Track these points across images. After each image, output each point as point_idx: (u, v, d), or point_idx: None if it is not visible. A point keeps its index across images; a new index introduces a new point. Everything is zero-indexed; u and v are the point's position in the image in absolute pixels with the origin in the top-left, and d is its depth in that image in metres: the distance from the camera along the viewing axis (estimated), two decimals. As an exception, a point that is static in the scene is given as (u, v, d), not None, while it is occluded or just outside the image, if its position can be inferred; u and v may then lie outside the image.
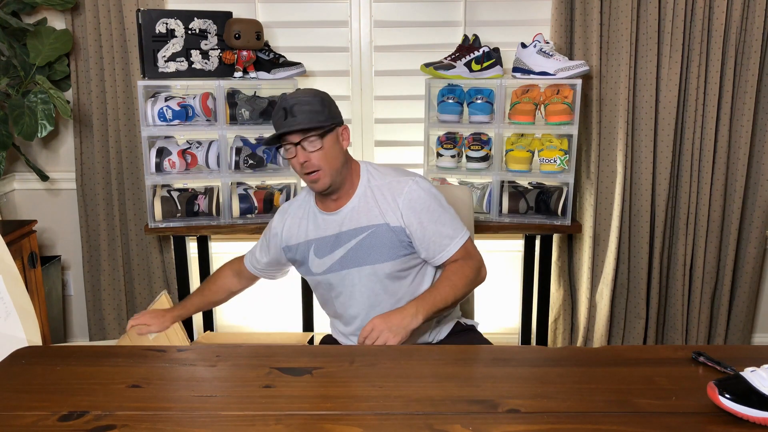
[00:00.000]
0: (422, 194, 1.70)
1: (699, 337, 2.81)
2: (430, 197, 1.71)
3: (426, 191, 1.71)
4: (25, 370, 1.37)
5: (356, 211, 1.72)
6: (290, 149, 1.67)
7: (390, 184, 1.72)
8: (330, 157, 1.67)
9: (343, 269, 1.74)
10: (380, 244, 1.69)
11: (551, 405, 1.19)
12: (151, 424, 1.15)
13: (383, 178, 1.74)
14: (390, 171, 1.77)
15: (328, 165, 1.67)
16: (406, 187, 1.70)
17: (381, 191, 1.72)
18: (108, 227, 2.78)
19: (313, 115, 1.64)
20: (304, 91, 1.70)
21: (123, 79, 2.65)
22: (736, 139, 2.64)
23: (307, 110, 1.64)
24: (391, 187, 1.71)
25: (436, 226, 1.69)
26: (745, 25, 2.54)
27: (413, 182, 1.71)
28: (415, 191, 1.70)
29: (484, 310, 2.89)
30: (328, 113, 1.67)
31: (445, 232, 1.70)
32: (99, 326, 2.88)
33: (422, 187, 1.71)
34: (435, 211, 1.70)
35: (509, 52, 2.52)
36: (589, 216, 2.70)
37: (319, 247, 1.76)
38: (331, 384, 1.29)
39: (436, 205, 1.71)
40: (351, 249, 1.72)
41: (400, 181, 1.72)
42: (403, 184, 1.71)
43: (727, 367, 1.30)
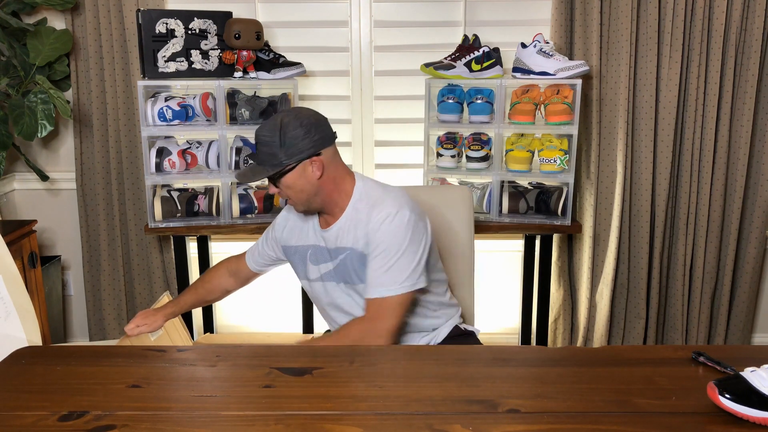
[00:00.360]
0: (389, 231, 1.61)
1: (699, 337, 2.81)
2: (395, 237, 1.61)
3: (395, 230, 1.61)
4: (25, 370, 1.36)
5: (343, 230, 1.69)
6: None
7: (370, 211, 1.65)
8: (295, 191, 1.65)
9: (331, 281, 1.76)
10: (354, 267, 1.69)
11: (551, 405, 1.19)
12: (151, 424, 1.15)
13: (370, 200, 1.68)
14: (381, 194, 1.69)
15: (295, 197, 1.66)
16: (378, 216, 1.63)
17: (363, 215, 1.66)
18: (108, 227, 2.78)
19: (267, 158, 1.61)
20: (269, 126, 1.61)
21: (123, 79, 2.65)
22: (736, 139, 2.64)
23: (263, 152, 1.62)
24: (370, 215, 1.65)
25: (374, 266, 1.63)
26: (745, 25, 2.55)
27: (387, 215, 1.62)
28: (384, 225, 1.62)
29: (484, 310, 2.89)
30: (286, 153, 1.59)
31: (376, 276, 1.62)
32: (99, 326, 2.88)
33: (396, 224, 1.62)
34: (388, 253, 1.61)
35: (509, 52, 2.52)
36: (589, 216, 2.70)
37: (314, 254, 1.77)
38: (331, 384, 1.29)
39: (391, 247, 1.61)
40: (337, 265, 1.73)
41: (378, 209, 1.64)
42: (379, 212, 1.63)
43: (727, 367, 1.30)
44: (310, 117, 1.64)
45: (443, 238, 2.04)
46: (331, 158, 1.67)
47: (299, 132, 1.60)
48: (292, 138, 1.60)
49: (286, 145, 1.60)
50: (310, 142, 1.61)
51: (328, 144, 1.66)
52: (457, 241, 2.04)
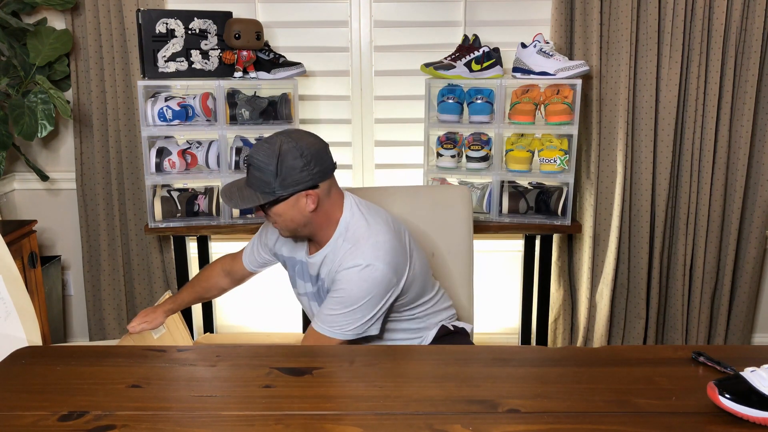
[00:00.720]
0: (352, 281, 1.56)
1: (699, 337, 2.81)
2: (356, 290, 1.56)
3: (359, 282, 1.55)
4: (25, 370, 1.36)
5: (324, 260, 1.65)
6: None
7: (345, 254, 1.59)
8: (283, 220, 1.58)
9: (313, 300, 1.76)
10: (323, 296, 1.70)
11: (551, 405, 1.19)
12: (151, 424, 1.15)
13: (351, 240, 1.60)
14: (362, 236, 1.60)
15: (282, 225, 1.60)
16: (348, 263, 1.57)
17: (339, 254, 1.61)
18: (108, 227, 2.78)
19: (260, 184, 1.53)
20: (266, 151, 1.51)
21: (123, 79, 2.65)
22: (736, 139, 2.64)
23: (256, 177, 1.53)
24: (343, 258, 1.59)
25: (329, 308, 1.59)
26: (745, 25, 2.55)
27: (357, 267, 1.56)
28: (349, 274, 1.56)
29: (484, 310, 2.89)
30: (280, 183, 1.51)
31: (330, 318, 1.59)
32: (99, 326, 2.88)
33: (361, 277, 1.55)
34: (343, 301, 1.57)
35: (509, 52, 2.52)
36: (589, 216, 2.70)
37: (301, 270, 1.76)
38: (331, 384, 1.29)
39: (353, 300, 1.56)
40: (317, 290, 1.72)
41: (353, 257, 1.57)
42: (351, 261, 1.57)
43: (727, 367, 1.30)
44: (312, 147, 1.53)
45: (443, 238, 2.04)
46: (327, 191, 1.58)
47: (298, 163, 1.50)
48: (289, 168, 1.50)
49: (282, 176, 1.50)
50: (309, 175, 1.52)
51: (327, 177, 1.57)
52: (457, 241, 2.04)
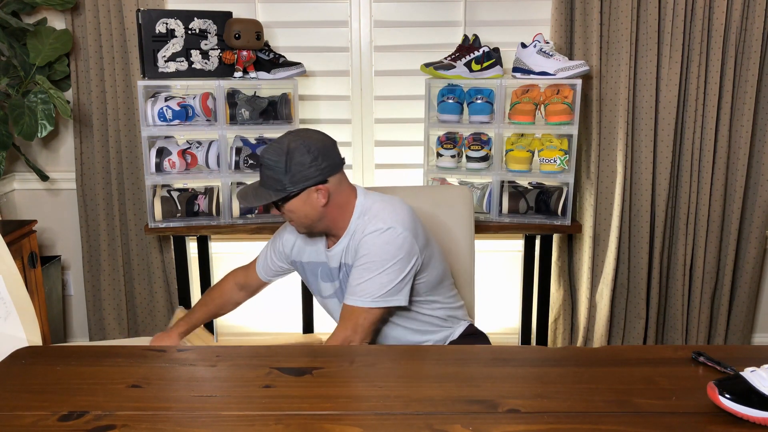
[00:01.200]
0: (375, 245, 1.60)
1: (699, 337, 2.81)
2: (380, 252, 1.60)
3: (382, 245, 1.60)
4: (25, 370, 1.36)
5: (347, 249, 1.68)
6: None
7: (364, 227, 1.64)
8: (298, 216, 1.63)
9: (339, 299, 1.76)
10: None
11: (551, 405, 1.19)
12: (151, 424, 1.15)
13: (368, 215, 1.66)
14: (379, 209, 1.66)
15: (297, 221, 1.65)
16: (368, 229, 1.62)
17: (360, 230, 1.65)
18: (108, 227, 2.78)
19: (271, 182, 1.59)
20: (275, 149, 1.58)
21: (123, 79, 2.65)
22: (736, 139, 2.64)
23: (267, 176, 1.59)
24: (365, 227, 1.63)
25: (357, 278, 1.62)
26: (745, 25, 2.55)
27: (378, 231, 1.61)
28: (371, 238, 1.61)
29: (484, 310, 2.89)
30: (290, 180, 1.57)
31: (354, 284, 1.62)
32: (99, 326, 2.88)
33: (383, 239, 1.60)
34: (369, 267, 1.60)
35: (509, 52, 2.52)
36: (589, 216, 2.70)
37: (324, 272, 1.77)
38: (331, 384, 1.29)
39: (379, 263, 1.60)
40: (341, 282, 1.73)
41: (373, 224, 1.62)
42: (371, 227, 1.62)
43: (727, 367, 1.30)
44: (319, 143, 1.59)
45: (443, 238, 2.04)
46: (337, 185, 1.63)
47: (306, 159, 1.57)
48: (298, 165, 1.56)
49: (291, 172, 1.57)
50: (317, 170, 1.58)
51: (336, 171, 1.62)
52: (457, 241, 2.04)
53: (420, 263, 1.66)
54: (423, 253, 1.67)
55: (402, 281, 1.62)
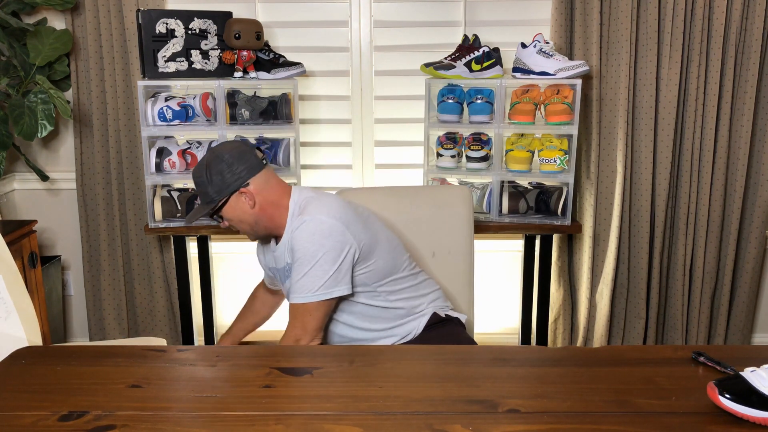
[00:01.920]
0: (303, 238, 1.65)
1: (699, 337, 2.81)
2: (308, 245, 1.65)
3: (308, 237, 1.65)
4: (25, 370, 1.36)
5: (287, 248, 1.72)
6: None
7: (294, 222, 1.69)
8: (237, 221, 1.73)
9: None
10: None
11: (551, 405, 1.19)
12: (151, 424, 1.15)
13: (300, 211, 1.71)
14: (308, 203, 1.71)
15: (239, 227, 1.75)
16: (296, 226, 1.67)
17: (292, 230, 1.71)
18: (108, 227, 2.78)
19: (203, 197, 1.72)
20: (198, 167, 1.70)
21: (123, 79, 2.64)
22: (736, 139, 2.64)
23: (200, 192, 1.72)
24: (292, 225, 1.70)
25: (295, 275, 1.68)
26: (745, 25, 2.54)
27: (304, 223, 1.65)
28: (299, 232, 1.66)
29: (485, 310, 2.89)
30: (215, 190, 1.68)
31: (298, 284, 1.67)
32: (99, 326, 2.88)
33: (309, 230, 1.65)
34: (302, 261, 1.66)
35: (509, 52, 2.52)
36: (589, 216, 2.70)
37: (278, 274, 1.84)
38: (331, 384, 1.29)
39: (309, 256, 1.65)
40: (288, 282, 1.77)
41: (300, 219, 1.67)
42: (297, 222, 1.67)
43: (727, 367, 1.30)
44: (233, 150, 1.69)
45: (443, 238, 2.04)
46: (263, 185, 1.71)
47: (223, 167, 1.67)
48: (217, 174, 1.67)
49: (213, 183, 1.68)
50: (234, 176, 1.68)
51: (255, 173, 1.70)
52: (457, 241, 2.04)
53: (358, 252, 1.68)
54: (361, 242, 1.69)
55: (338, 270, 1.65)
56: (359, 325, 1.77)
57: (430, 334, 1.79)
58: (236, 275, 2.93)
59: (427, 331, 1.80)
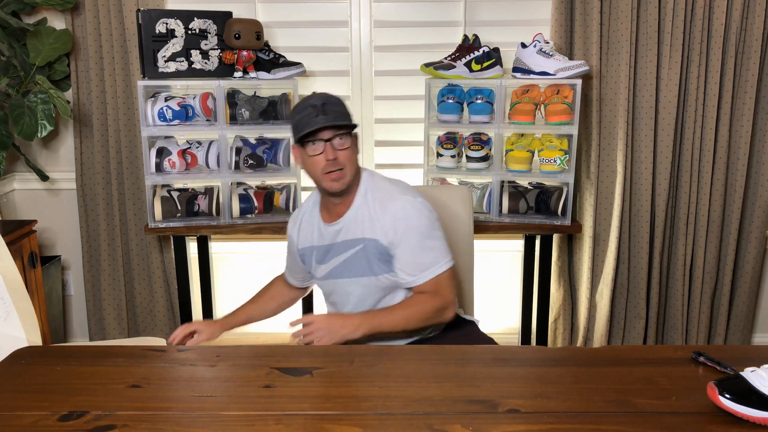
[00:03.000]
0: (412, 215, 1.67)
1: (699, 337, 2.81)
2: (419, 220, 1.67)
3: (417, 213, 1.67)
4: (25, 370, 1.37)
5: (353, 221, 1.71)
6: (318, 145, 1.64)
7: (383, 199, 1.70)
8: (352, 159, 1.69)
9: (339, 277, 1.77)
10: (372, 257, 1.70)
11: (551, 405, 1.19)
12: (151, 424, 1.15)
13: (380, 191, 1.72)
14: (389, 186, 1.74)
15: (350, 165, 1.68)
16: (397, 205, 1.68)
17: (376, 205, 1.70)
18: (108, 227, 2.78)
19: (344, 115, 1.67)
20: (329, 94, 1.70)
21: (123, 79, 2.65)
22: (736, 139, 2.64)
23: (338, 110, 1.66)
24: (384, 203, 1.69)
25: (414, 252, 1.67)
26: (745, 25, 2.54)
27: (406, 201, 1.68)
28: (404, 211, 1.67)
29: (485, 310, 2.89)
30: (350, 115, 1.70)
31: (421, 260, 1.67)
32: (99, 326, 2.88)
33: (415, 207, 1.68)
34: (419, 236, 1.67)
35: (509, 52, 2.52)
36: (589, 216, 2.70)
37: (319, 253, 1.79)
38: (331, 384, 1.29)
39: (424, 229, 1.68)
40: (346, 260, 1.74)
41: (394, 198, 1.69)
42: (396, 201, 1.68)
43: (727, 367, 1.30)
44: None
45: (443, 238, 2.03)
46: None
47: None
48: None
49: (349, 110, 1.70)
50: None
51: None
52: (457, 241, 2.04)
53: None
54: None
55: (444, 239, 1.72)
56: None
57: (449, 334, 1.80)
58: (236, 275, 2.93)
59: (446, 331, 1.81)
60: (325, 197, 1.76)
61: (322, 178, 1.67)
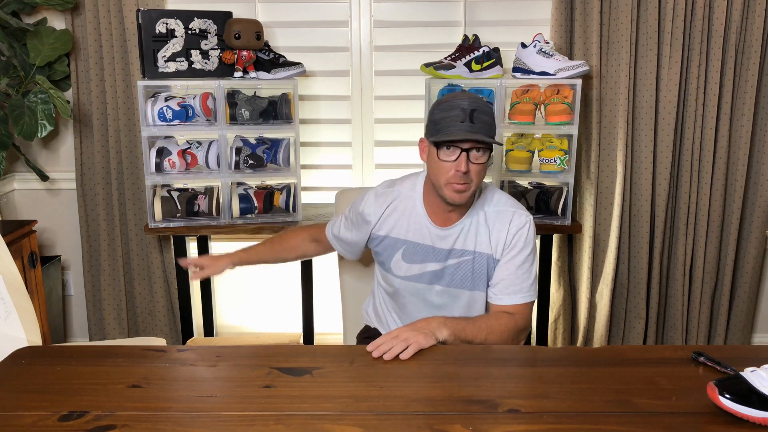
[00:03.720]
0: (530, 237, 1.65)
1: (699, 337, 2.81)
2: (532, 244, 1.66)
3: (532, 236, 1.66)
4: (25, 370, 1.36)
5: (466, 232, 1.66)
6: (453, 152, 1.55)
7: (505, 213, 1.66)
8: (482, 174, 1.60)
9: (432, 283, 1.70)
10: (475, 273, 1.66)
11: (551, 405, 1.19)
12: (151, 424, 1.15)
13: (499, 205, 1.67)
14: (507, 200, 1.70)
15: (477, 180, 1.59)
16: (521, 220, 1.64)
17: (494, 218, 1.65)
18: (108, 227, 2.78)
19: (491, 128, 1.57)
20: (478, 98, 1.59)
21: (123, 79, 2.65)
22: (736, 139, 2.64)
23: (486, 121, 1.56)
24: (505, 217, 1.65)
25: (518, 270, 1.63)
26: (745, 25, 2.54)
27: (528, 222, 1.65)
28: (527, 230, 1.64)
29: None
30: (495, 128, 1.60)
31: (521, 281, 1.64)
32: (99, 326, 2.88)
33: (532, 231, 1.66)
34: (529, 256, 1.65)
35: (509, 52, 2.52)
36: (589, 216, 2.70)
37: (410, 250, 1.69)
38: (331, 384, 1.29)
39: (532, 254, 1.66)
40: (449, 268, 1.68)
41: (518, 213, 1.66)
42: (520, 216, 1.65)
43: (727, 367, 1.30)
44: None
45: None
46: None
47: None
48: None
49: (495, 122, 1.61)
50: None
51: None
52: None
53: None
54: None
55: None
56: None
57: None
58: (236, 275, 2.93)
59: None
60: (438, 202, 1.66)
61: (444, 186, 1.59)
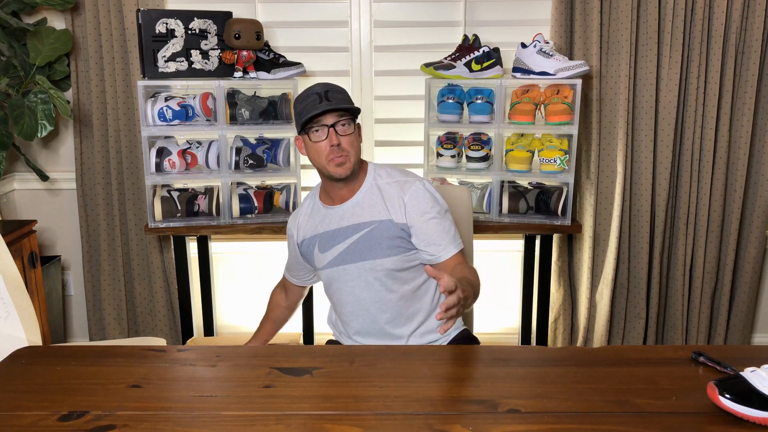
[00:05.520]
0: (428, 195, 1.74)
1: (699, 337, 2.81)
2: (434, 200, 1.75)
3: (431, 194, 1.75)
4: (25, 370, 1.37)
5: (359, 206, 1.74)
6: (321, 131, 1.69)
7: (397, 183, 1.76)
8: (356, 145, 1.73)
9: (342, 264, 1.76)
10: (381, 239, 1.71)
11: (551, 405, 1.19)
12: (151, 424, 1.15)
13: (390, 177, 1.78)
14: (396, 171, 1.81)
15: (354, 151, 1.71)
16: (413, 186, 1.74)
17: (387, 189, 1.75)
18: (108, 227, 2.78)
19: (347, 100, 1.73)
20: (330, 82, 1.76)
21: (123, 79, 2.65)
22: (736, 139, 2.64)
23: (341, 97, 1.71)
24: (399, 186, 1.75)
25: (438, 226, 1.72)
26: (745, 25, 2.54)
27: (420, 183, 1.76)
28: (421, 191, 1.74)
29: (485, 310, 2.89)
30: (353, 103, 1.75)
31: (446, 234, 1.73)
32: (99, 326, 2.88)
33: (428, 189, 1.76)
34: (438, 213, 1.73)
35: (509, 52, 2.52)
36: (589, 216, 2.70)
37: (322, 241, 1.79)
38: (331, 384, 1.29)
39: (440, 208, 1.75)
40: (352, 244, 1.74)
41: (407, 181, 1.76)
42: (411, 183, 1.75)
43: (727, 367, 1.30)
44: None
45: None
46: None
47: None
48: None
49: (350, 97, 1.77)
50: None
51: None
52: (457, 241, 2.04)
53: None
54: None
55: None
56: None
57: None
58: (236, 275, 2.93)
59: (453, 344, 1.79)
60: (329, 184, 1.77)
61: (326, 164, 1.70)
